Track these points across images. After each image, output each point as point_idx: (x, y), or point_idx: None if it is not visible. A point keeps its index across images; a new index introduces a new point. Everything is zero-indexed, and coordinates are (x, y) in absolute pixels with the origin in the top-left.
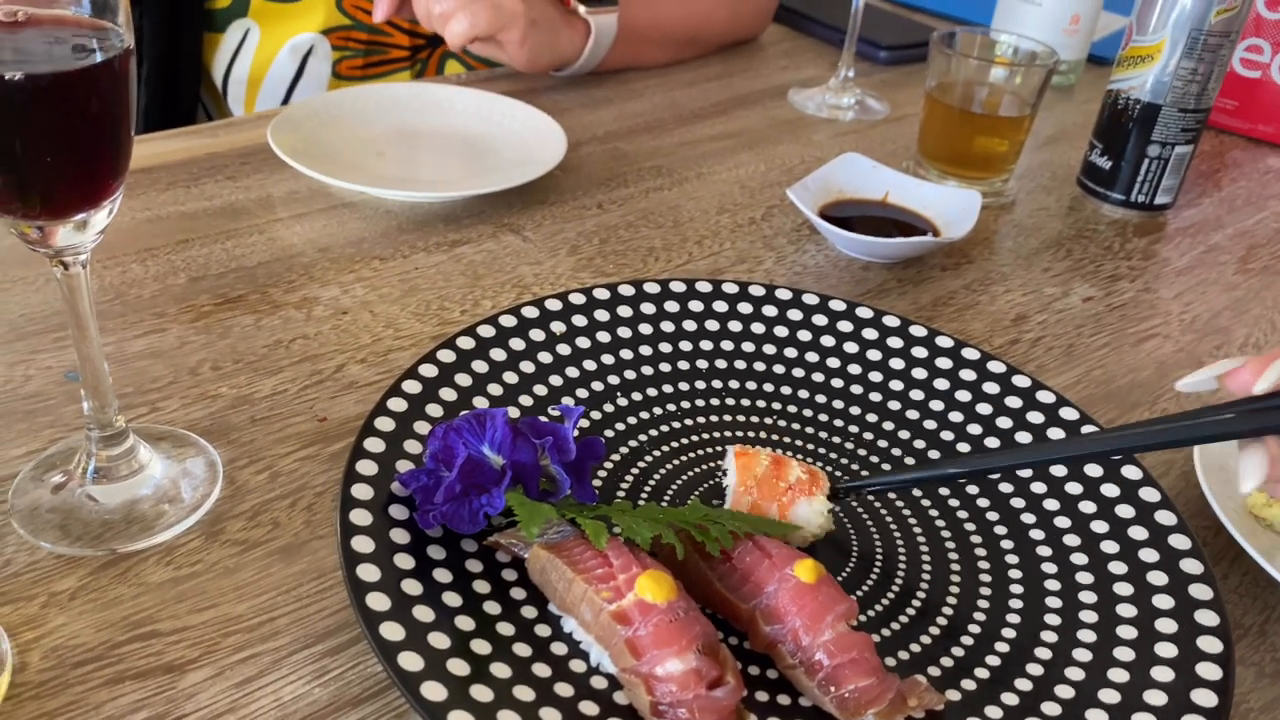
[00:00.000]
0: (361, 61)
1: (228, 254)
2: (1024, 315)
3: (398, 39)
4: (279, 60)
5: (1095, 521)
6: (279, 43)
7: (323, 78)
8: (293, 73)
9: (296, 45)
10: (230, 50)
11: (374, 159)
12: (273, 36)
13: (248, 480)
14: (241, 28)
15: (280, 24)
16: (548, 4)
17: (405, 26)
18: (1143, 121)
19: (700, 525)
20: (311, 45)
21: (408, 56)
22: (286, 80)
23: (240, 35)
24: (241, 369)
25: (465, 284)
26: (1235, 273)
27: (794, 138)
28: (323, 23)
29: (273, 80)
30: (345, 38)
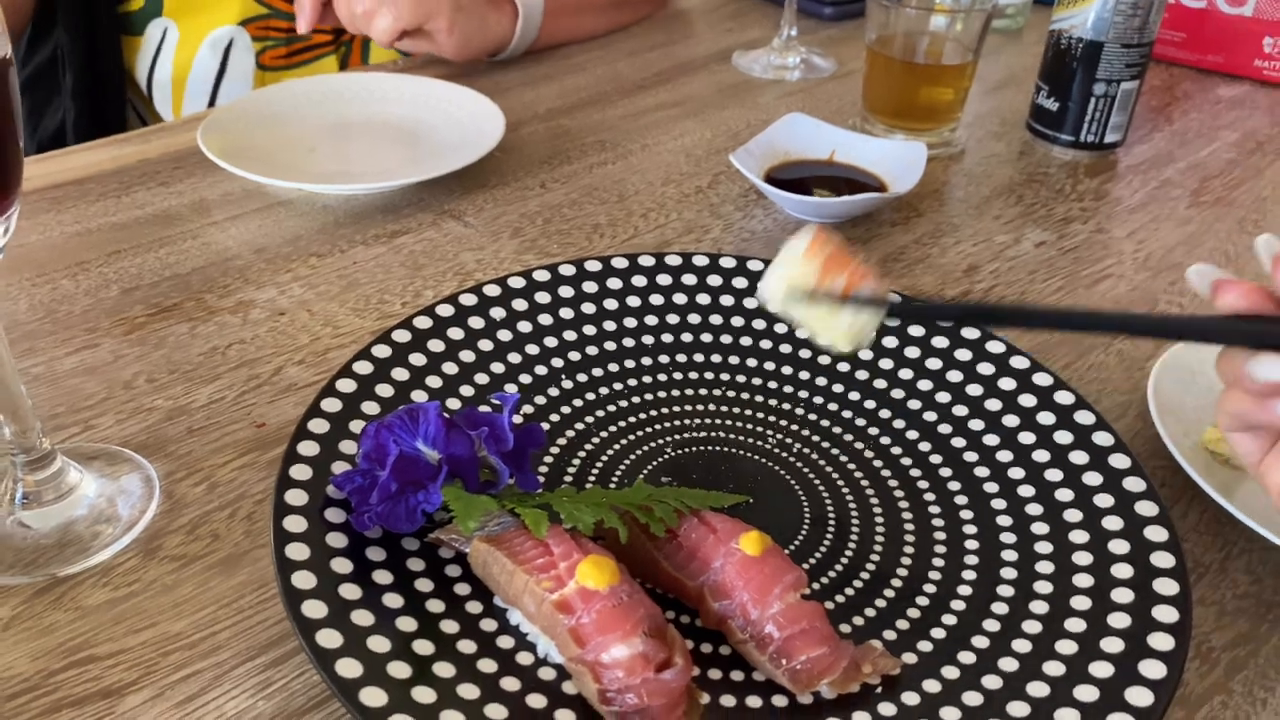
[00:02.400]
0: (285, 50)
1: (161, 262)
2: (975, 265)
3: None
4: (200, 58)
5: (1050, 470)
6: (198, 39)
7: (247, 71)
8: (216, 68)
9: (216, 40)
10: (150, 52)
11: (307, 155)
12: (191, 33)
13: (185, 493)
14: (159, 28)
15: (197, 19)
16: None
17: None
18: (1086, 60)
19: (645, 506)
20: (231, 38)
21: (331, 41)
22: (210, 77)
23: (159, 35)
24: (177, 379)
25: (405, 275)
26: (1188, 206)
27: (739, 102)
28: (239, 13)
29: (197, 78)
30: (264, 27)
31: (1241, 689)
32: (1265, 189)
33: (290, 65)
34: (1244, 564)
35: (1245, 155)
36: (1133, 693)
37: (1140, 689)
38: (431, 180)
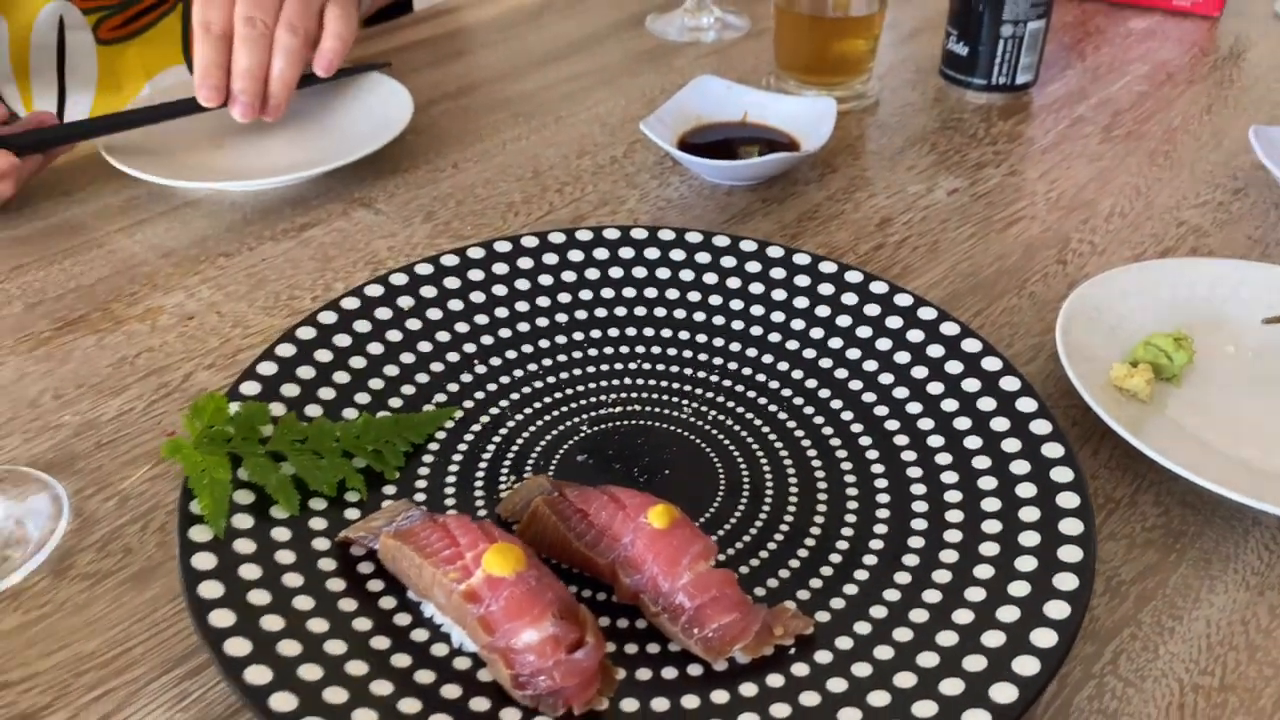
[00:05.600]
0: (120, 20)
1: (66, 274)
2: (889, 218)
3: None
4: (35, 43)
5: (959, 418)
6: (26, 23)
7: (88, 47)
8: (54, 52)
9: (44, 22)
10: None
11: (214, 152)
12: (18, 19)
13: (96, 509)
14: None
15: (22, 3)
16: None
17: None
18: (992, 3)
19: (376, 450)
20: (60, 15)
21: (163, 4)
22: (52, 62)
23: None
24: (85, 393)
25: (315, 269)
26: (1100, 143)
27: (654, 67)
28: None
29: (38, 68)
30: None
31: (1150, 619)
32: (1175, 119)
33: (131, 35)
34: (1153, 496)
35: (1155, 87)
36: (1038, 634)
37: (1046, 630)
38: (341, 169)
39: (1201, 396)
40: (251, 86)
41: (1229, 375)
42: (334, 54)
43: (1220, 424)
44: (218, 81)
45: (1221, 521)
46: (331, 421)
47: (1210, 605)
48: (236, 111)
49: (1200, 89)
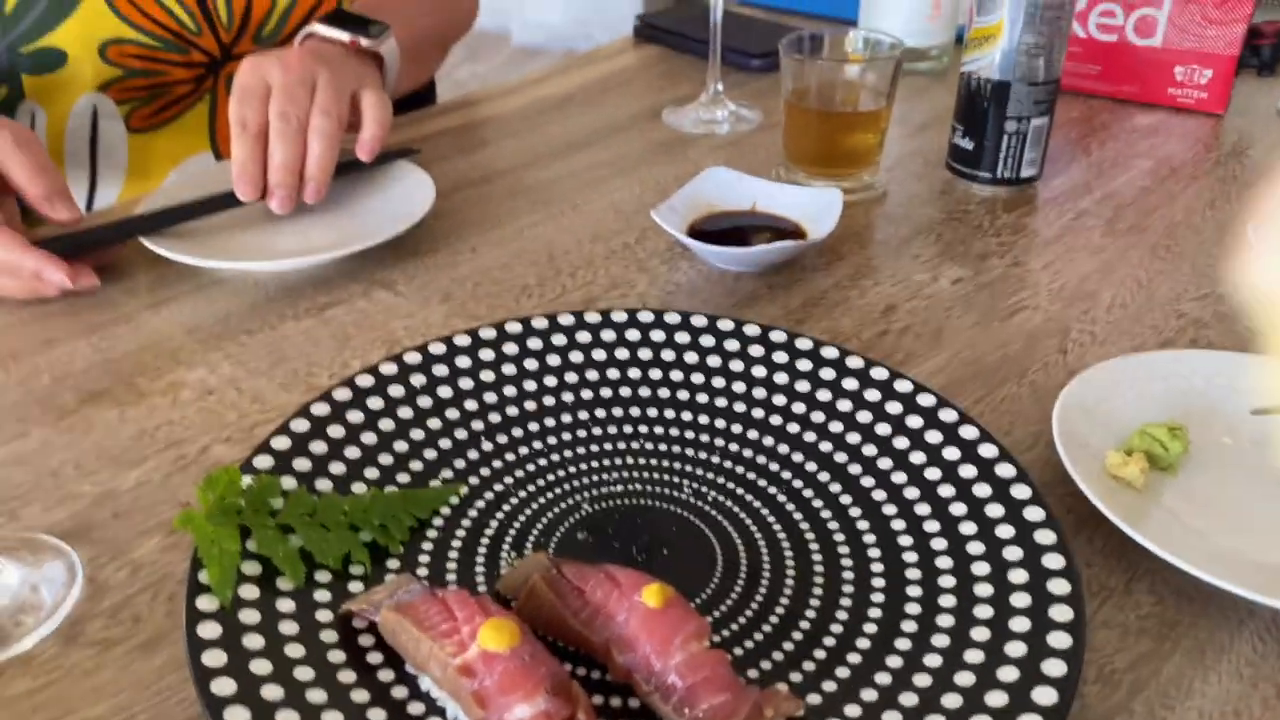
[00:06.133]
0: (150, 110)
1: (93, 348)
2: (893, 305)
3: (175, 74)
4: (70, 132)
5: (954, 504)
6: (64, 113)
7: (120, 136)
8: (88, 140)
9: (80, 111)
10: None
11: (241, 233)
12: (55, 110)
13: (109, 578)
14: (26, 113)
15: (57, 95)
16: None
17: (178, 60)
18: (996, 100)
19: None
20: (94, 105)
21: (192, 90)
22: (85, 150)
23: (29, 121)
24: (104, 465)
25: (334, 347)
26: (1102, 235)
27: (670, 157)
28: (94, 78)
29: (72, 154)
30: (124, 89)
31: (1143, 709)
32: (1178, 214)
33: (161, 124)
34: (1147, 585)
35: (1159, 182)
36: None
37: (1033, 716)
38: (364, 251)
39: (1197, 486)
40: (288, 179)
41: (1225, 466)
42: (375, 140)
43: (1216, 514)
44: (255, 177)
45: (1216, 612)
46: (341, 495)
47: (1203, 696)
48: (275, 204)
49: (1204, 184)
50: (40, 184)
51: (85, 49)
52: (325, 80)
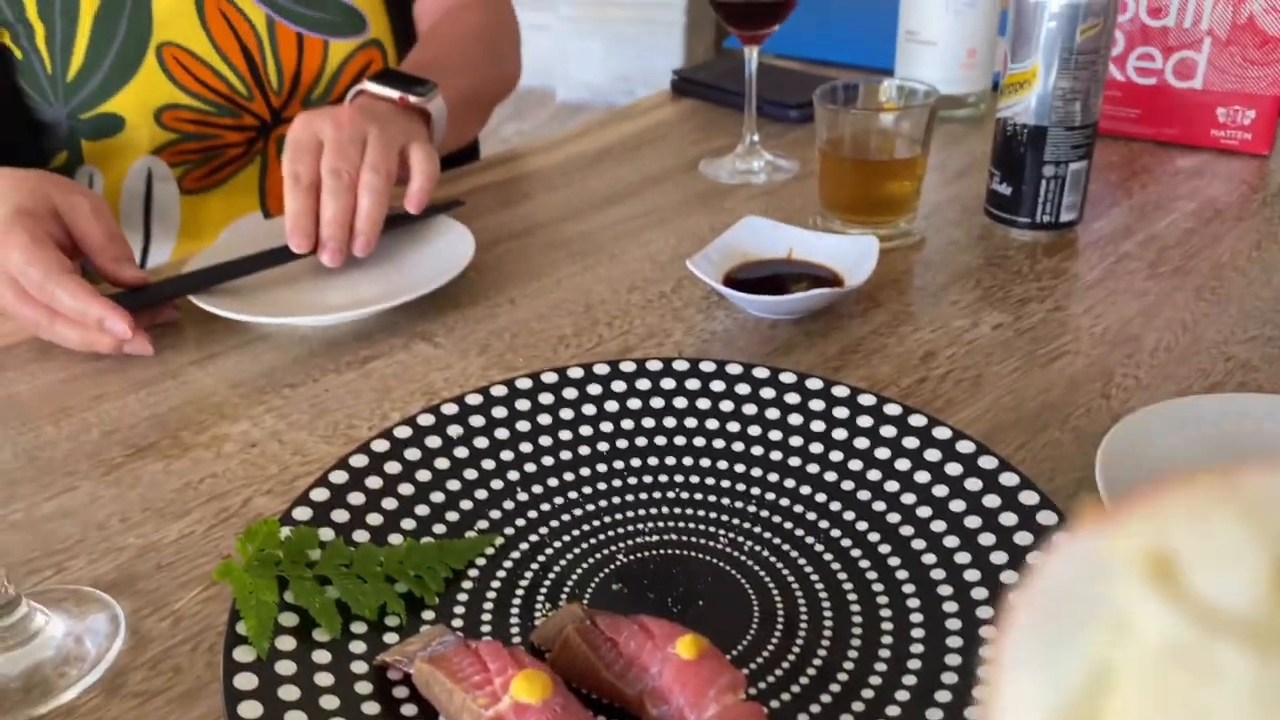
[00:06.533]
0: (202, 172)
1: (141, 403)
2: (932, 352)
3: (228, 137)
4: (125, 194)
5: (995, 553)
6: (120, 176)
7: (173, 197)
8: (142, 202)
9: (135, 174)
10: None
11: (287, 289)
12: (113, 173)
13: (150, 629)
14: (84, 176)
15: (114, 159)
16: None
17: (230, 123)
18: (1033, 144)
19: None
20: (149, 168)
21: (244, 152)
22: (139, 211)
23: (86, 184)
24: (149, 517)
25: (374, 399)
26: (1146, 279)
27: (706, 208)
28: (149, 142)
29: (128, 214)
30: (177, 153)
31: None
32: (1223, 255)
33: (213, 185)
34: None
35: (1203, 224)
36: None
37: None
38: (405, 304)
39: None
40: (339, 233)
41: None
42: (423, 192)
43: None
44: (308, 230)
45: None
46: (377, 546)
47: None
48: (326, 257)
49: (1249, 225)
50: (111, 250)
51: (142, 115)
52: (375, 136)
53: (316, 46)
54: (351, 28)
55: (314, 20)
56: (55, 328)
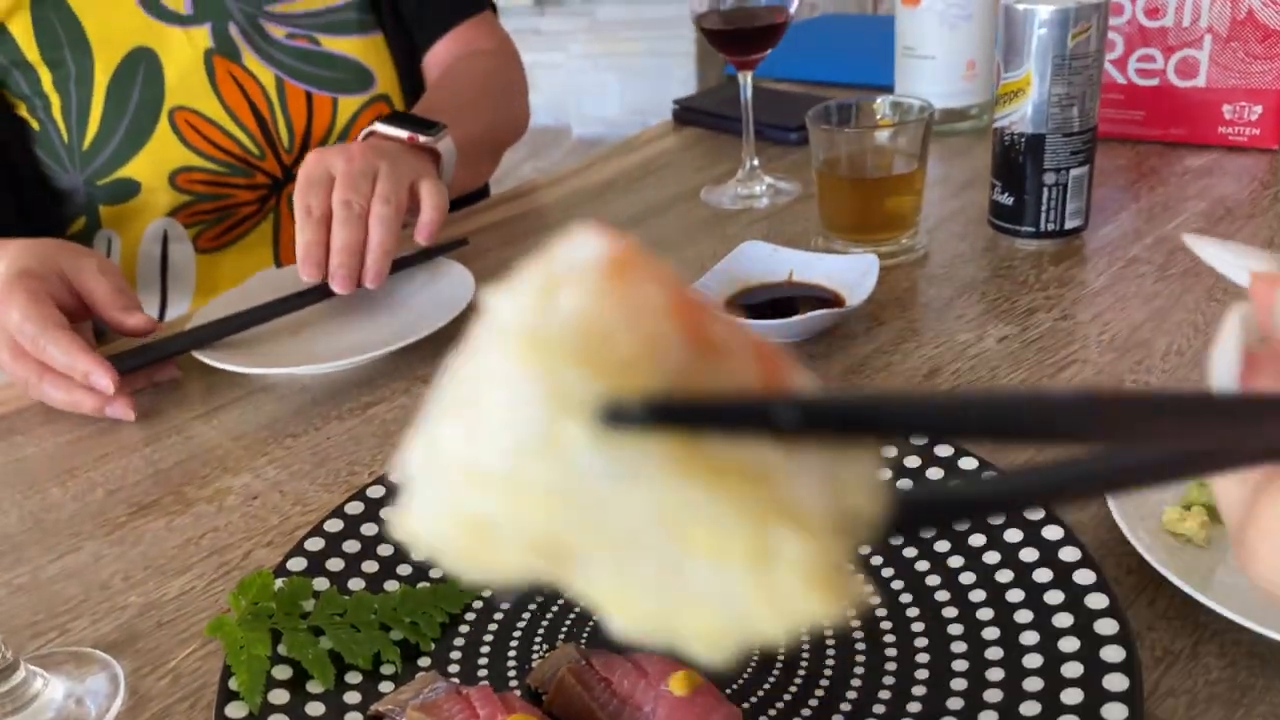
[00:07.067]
0: (217, 231)
1: (145, 460)
2: (937, 368)
3: (241, 196)
4: (142, 255)
5: (1000, 571)
6: (137, 238)
7: (189, 257)
8: (158, 263)
9: (152, 236)
10: None
11: (289, 338)
12: (130, 235)
13: (150, 688)
14: (104, 240)
15: (131, 222)
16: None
17: (242, 182)
18: (1031, 153)
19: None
20: (165, 230)
21: (257, 210)
22: (156, 271)
23: (105, 247)
24: (151, 574)
25: (376, 445)
26: (1155, 282)
27: (708, 235)
28: (165, 204)
29: (144, 274)
30: (193, 214)
31: None
32: None
33: (227, 243)
34: (1216, 648)
35: (1214, 223)
36: None
37: None
38: (407, 348)
39: None
40: (349, 261)
41: None
42: (433, 224)
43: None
44: (319, 260)
45: None
46: (373, 594)
47: None
48: (336, 285)
49: (1261, 222)
50: (118, 301)
51: (157, 178)
52: (386, 171)
53: (325, 104)
54: (359, 85)
55: (322, 79)
56: (43, 386)
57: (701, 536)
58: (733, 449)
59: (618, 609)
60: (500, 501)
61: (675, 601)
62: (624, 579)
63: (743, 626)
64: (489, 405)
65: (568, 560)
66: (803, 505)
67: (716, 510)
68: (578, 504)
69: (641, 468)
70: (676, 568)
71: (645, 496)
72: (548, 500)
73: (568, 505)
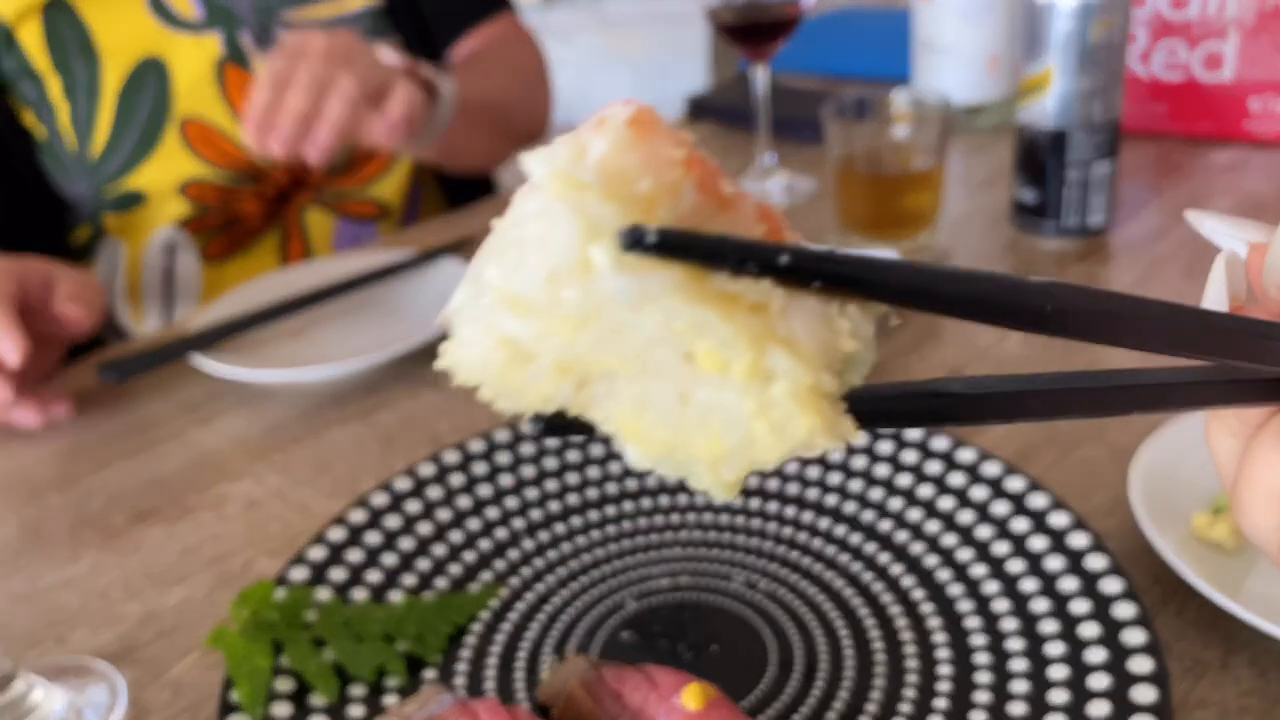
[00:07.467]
0: (223, 240)
1: (145, 467)
2: (957, 369)
3: (249, 206)
4: (147, 264)
5: (1025, 580)
6: (142, 248)
7: (195, 266)
8: (165, 270)
9: (157, 243)
10: (108, 272)
11: (291, 342)
12: (136, 244)
13: (150, 699)
14: (108, 248)
15: (137, 231)
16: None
17: (250, 191)
18: (1054, 149)
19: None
20: (171, 239)
21: (264, 220)
22: (163, 278)
23: (111, 256)
24: (150, 584)
25: (379, 450)
26: (1182, 280)
27: None
28: (172, 214)
29: (149, 282)
30: (200, 223)
31: None
32: None
33: (234, 253)
34: (1247, 658)
35: None
36: None
37: None
38: (412, 351)
39: None
40: (295, 127)
41: None
42: (395, 117)
43: None
44: (267, 123)
45: None
46: (377, 605)
47: None
48: (274, 144)
49: None
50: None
51: (165, 189)
52: (366, 59)
53: None
54: None
55: None
56: None
57: (706, 353)
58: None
59: (633, 434)
60: (535, 323)
61: (684, 427)
62: (640, 404)
63: (744, 449)
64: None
65: (590, 385)
66: (798, 336)
67: (720, 330)
68: (602, 324)
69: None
70: (685, 393)
71: (659, 317)
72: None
73: (593, 325)
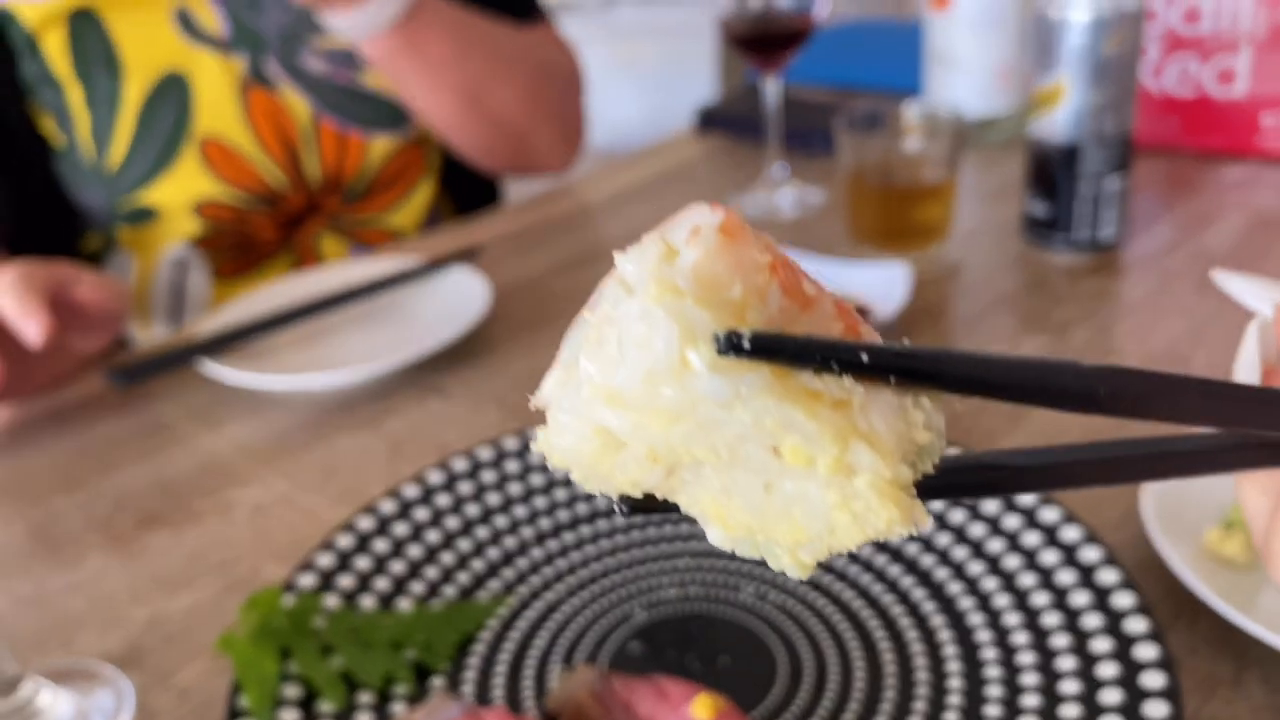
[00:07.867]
0: (236, 259)
1: (151, 471)
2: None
3: (263, 228)
4: (158, 279)
5: (1036, 594)
6: (155, 262)
7: (206, 282)
8: (176, 285)
9: (171, 260)
10: None
11: (301, 348)
12: (147, 259)
13: (157, 703)
14: (120, 260)
15: (150, 245)
16: None
17: (266, 214)
18: (1066, 162)
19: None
20: (183, 256)
21: (278, 242)
22: (174, 294)
23: (122, 267)
24: (157, 588)
25: (386, 457)
26: (1193, 295)
27: None
28: (186, 231)
29: (159, 298)
30: (214, 242)
31: None
32: (1274, 267)
33: (246, 271)
34: (1260, 674)
35: (1252, 236)
36: None
37: None
38: (419, 358)
39: None
40: None
41: None
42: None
43: None
44: None
45: None
46: (385, 612)
47: None
48: None
49: None
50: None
51: (180, 206)
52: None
53: (358, 143)
54: (393, 121)
55: (358, 114)
56: None
57: (793, 449)
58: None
59: (717, 518)
60: (632, 416)
61: (768, 514)
62: (726, 491)
63: (825, 536)
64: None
65: (678, 472)
66: (878, 430)
67: (806, 427)
68: (695, 419)
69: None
70: (770, 484)
71: (749, 415)
72: (671, 415)
73: (686, 420)
